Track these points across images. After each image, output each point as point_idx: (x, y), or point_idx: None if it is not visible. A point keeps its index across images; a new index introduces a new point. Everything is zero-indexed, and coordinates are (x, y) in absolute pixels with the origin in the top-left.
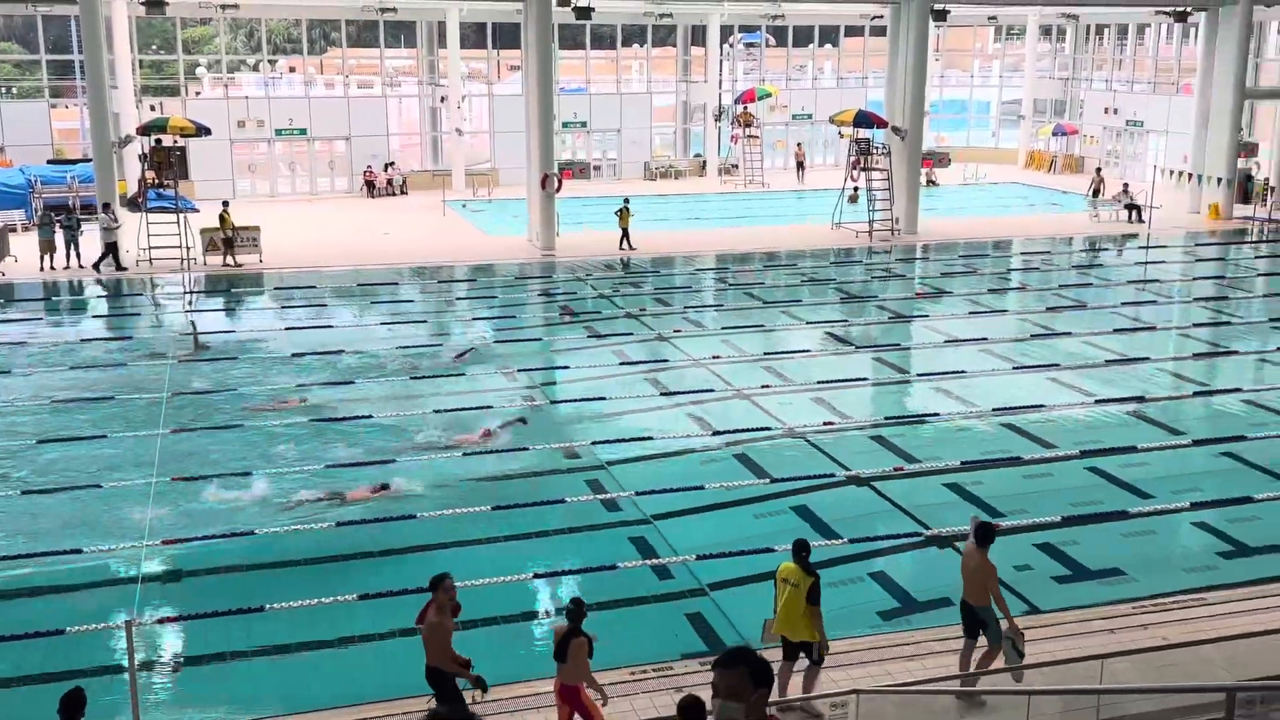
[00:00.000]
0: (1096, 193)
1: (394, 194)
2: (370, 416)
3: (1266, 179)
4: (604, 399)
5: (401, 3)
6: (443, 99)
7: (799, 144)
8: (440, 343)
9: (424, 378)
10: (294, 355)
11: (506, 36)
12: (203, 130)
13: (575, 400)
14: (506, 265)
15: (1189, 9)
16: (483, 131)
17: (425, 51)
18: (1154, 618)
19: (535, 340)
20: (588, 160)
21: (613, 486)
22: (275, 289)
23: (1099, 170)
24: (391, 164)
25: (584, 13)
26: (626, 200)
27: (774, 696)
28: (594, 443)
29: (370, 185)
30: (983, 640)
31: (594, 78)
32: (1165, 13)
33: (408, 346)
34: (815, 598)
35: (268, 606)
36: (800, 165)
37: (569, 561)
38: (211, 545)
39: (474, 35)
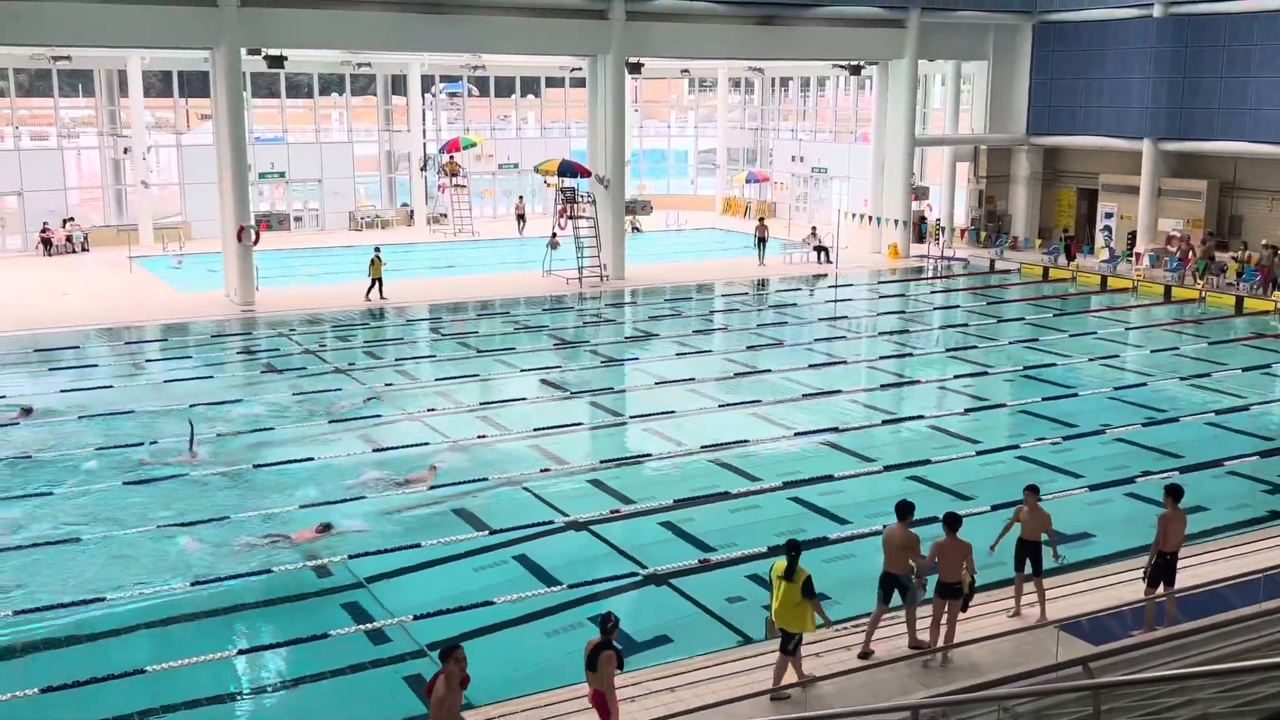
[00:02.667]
0: (762, 241)
1: (74, 251)
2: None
3: (938, 220)
4: (311, 459)
5: (77, 50)
6: (126, 150)
7: (520, 196)
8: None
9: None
10: None
11: (195, 84)
12: None
13: (280, 463)
14: (202, 323)
15: (862, 63)
16: (172, 183)
17: (105, 101)
18: (857, 638)
19: (235, 402)
20: (288, 211)
21: (324, 552)
22: None
23: (762, 220)
24: (70, 219)
25: (276, 61)
26: (378, 249)
27: (769, 685)
28: (302, 507)
29: (47, 243)
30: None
31: (291, 127)
32: (842, 66)
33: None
34: (810, 592)
35: None
36: (521, 216)
37: (275, 635)
38: None
39: (160, 83)
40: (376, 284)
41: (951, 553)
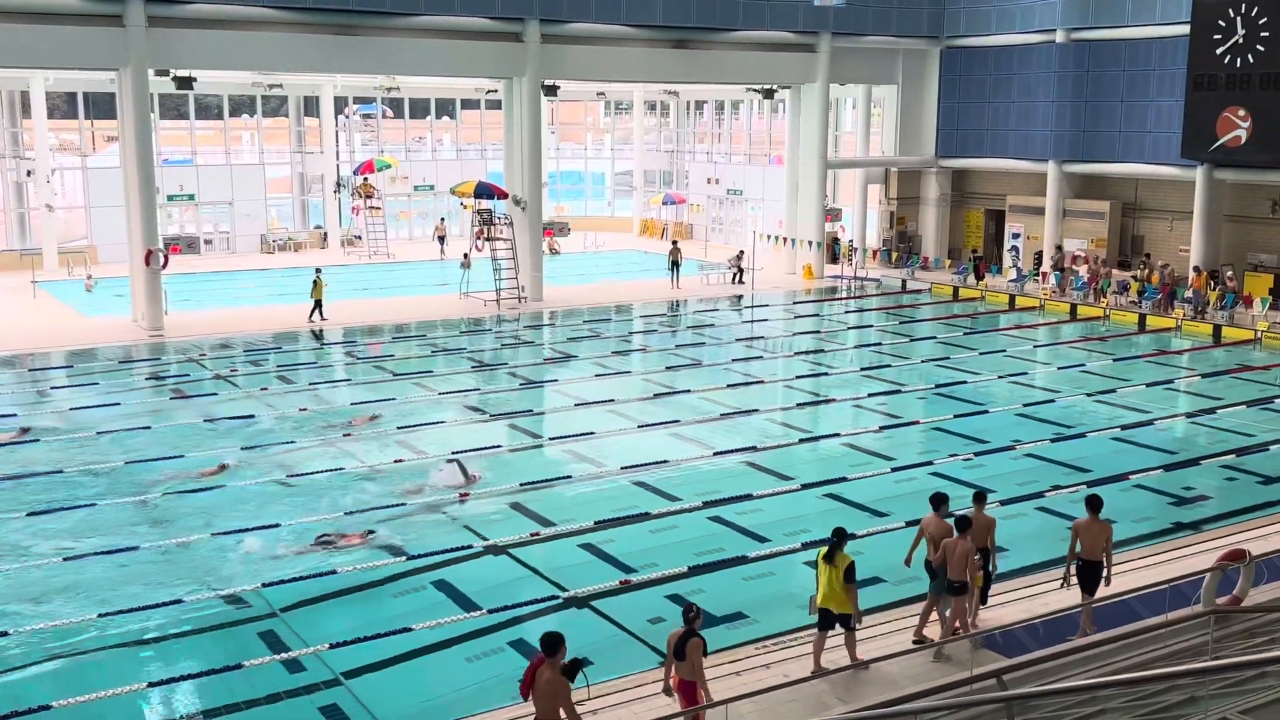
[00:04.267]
0: (675, 264)
1: None
2: None
3: (850, 241)
4: (223, 487)
5: None
6: (29, 173)
7: (442, 218)
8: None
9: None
10: None
11: (101, 106)
12: None
13: (191, 491)
14: (109, 349)
15: (775, 87)
16: (78, 206)
17: (8, 122)
18: (775, 656)
19: (144, 429)
20: (198, 234)
21: (238, 581)
22: None
23: (675, 243)
24: None
25: (185, 83)
26: (319, 270)
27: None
28: (214, 534)
29: None
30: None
31: (201, 149)
32: (755, 90)
33: None
34: (851, 577)
35: None
36: (441, 239)
37: (187, 665)
38: None
39: (64, 105)
40: (318, 305)
41: (958, 552)
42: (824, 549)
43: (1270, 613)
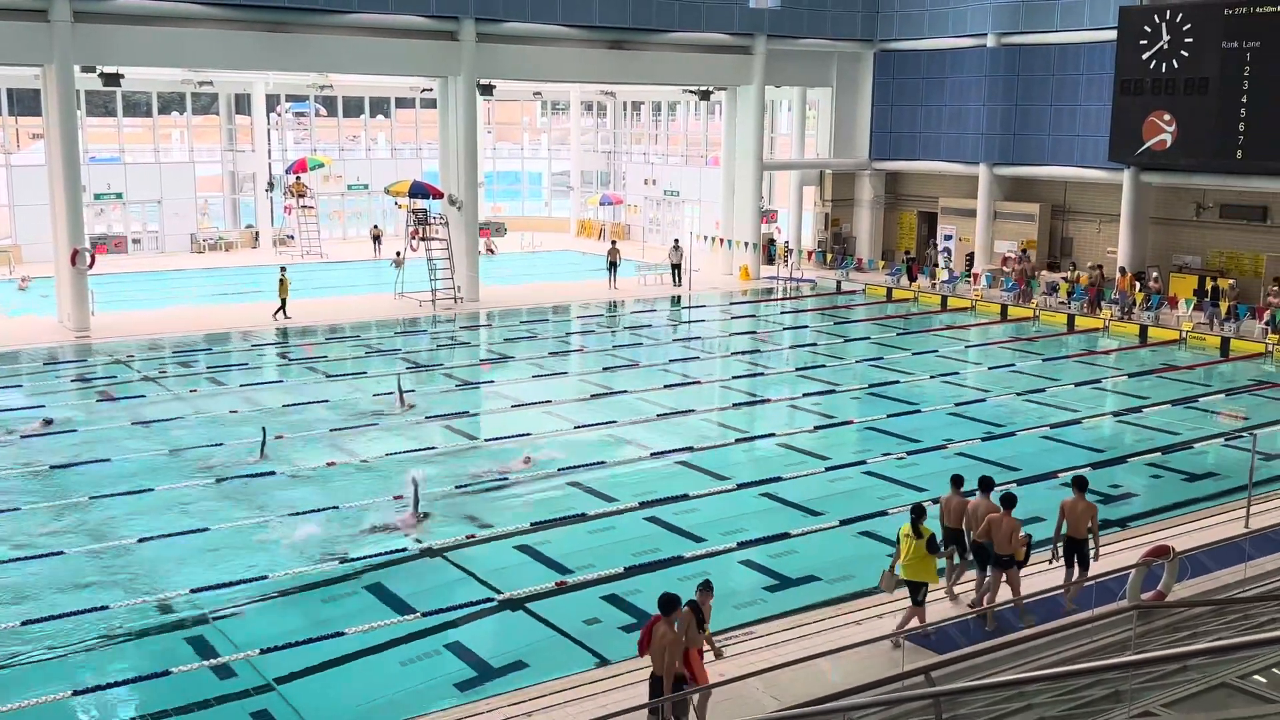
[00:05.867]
0: (613, 265)
1: None
2: None
3: (786, 242)
4: (150, 490)
5: None
6: None
7: (375, 225)
8: None
9: None
10: None
11: (26, 102)
12: None
13: (117, 494)
14: (33, 350)
15: (711, 89)
16: (1, 205)
17: None
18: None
19: (70, 432)
20: (125, 234)
21: (166, 586)
22: None
23: (614, 244)
24: None
25: (112, 79)
26: (284, 269)
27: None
28: (140, 540)
29: None
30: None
31: (129, 146)
32: (692, 92)
33: None
34: (934, 548)
35: None
36: (377, 238)
37: (114, 673)
38: None
39: None
40: (282, 304)
41: (1003, 528)
42: (906, 525)
43: (1193, 607)
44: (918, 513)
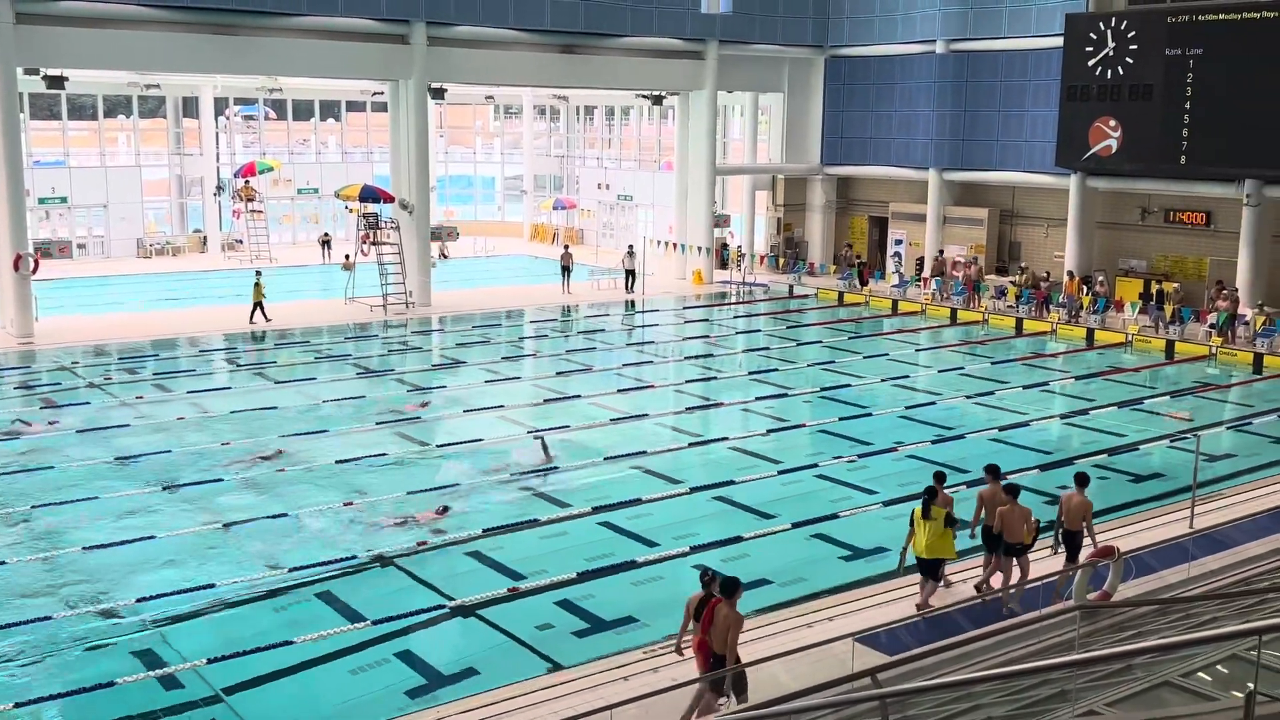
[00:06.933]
0: (566, 269)
1: None
2: None
3: (739, 247)
4: (96, 498)
5: None
6: None
7: (325, 232)
8: None
9: None
10: None
11: None
12: None
13: (60, 504)
14: None
15: (663, 94)
16: None
17: None
18: (663, 660)
19: (10, 439)
20: (70, 239)
21: (112, 596)
22: None
23: (567, 248)
24: None
25: (56, 82)
26: (259, 273)
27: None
28: (85, 549)
29: None
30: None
31: (74, 150)
32: (644, 96)
33: None
34: (951, 521)
35: None
36: (326, 243)
37: (55, 685)
38: None
39: None
40: (258, 307)
41: (1014, 517)
42: (918, 506)
43: (1137, 607)
44: (930, 494)
